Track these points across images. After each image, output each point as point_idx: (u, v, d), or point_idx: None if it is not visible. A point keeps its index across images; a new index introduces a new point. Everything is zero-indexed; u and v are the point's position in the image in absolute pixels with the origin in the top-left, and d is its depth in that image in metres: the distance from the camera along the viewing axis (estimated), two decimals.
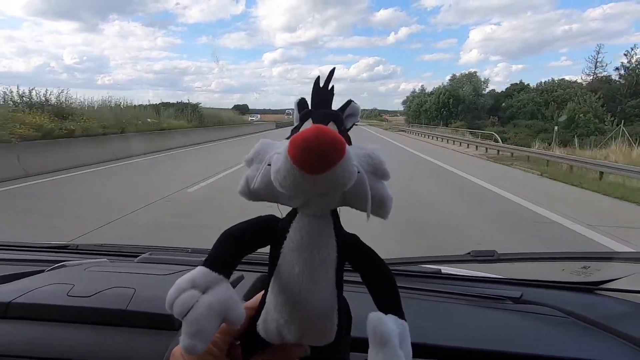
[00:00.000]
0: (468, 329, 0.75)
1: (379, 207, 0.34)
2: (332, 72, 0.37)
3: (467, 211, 5.71)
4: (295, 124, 0.39)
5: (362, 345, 0.55)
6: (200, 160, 12.09)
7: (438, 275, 1.00)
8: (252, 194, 0.36)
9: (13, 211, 5.21)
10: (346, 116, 0.38)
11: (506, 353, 0.65)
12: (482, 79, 54.06)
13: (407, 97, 68.33)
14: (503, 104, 47.49)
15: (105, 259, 1.03)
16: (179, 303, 0.31)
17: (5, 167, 7.42)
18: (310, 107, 0.38)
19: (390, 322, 0.35)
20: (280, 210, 0.39)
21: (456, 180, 8.64)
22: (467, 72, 55.73)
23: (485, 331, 0.75)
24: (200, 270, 0.33)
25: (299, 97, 0.38)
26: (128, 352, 0.58)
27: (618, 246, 3.85)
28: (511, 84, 51.21)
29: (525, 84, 49.38)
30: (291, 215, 0.37)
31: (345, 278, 0.39)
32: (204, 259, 0.35)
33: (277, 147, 0.34)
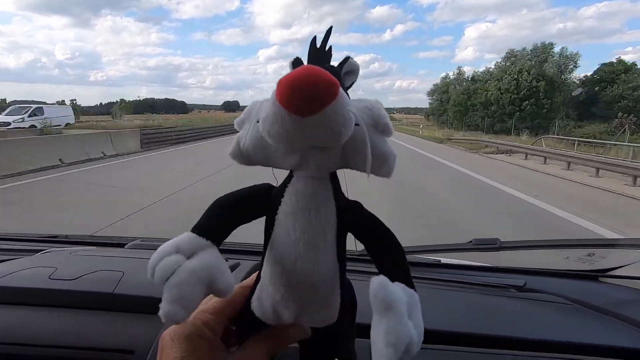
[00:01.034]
0: (472, 315, 0.73)
1: (381, 164, 0.31)
2: (329, 31, 0.34)
3: None
4: None
5: (364, 330, 0.53)
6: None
7: (438, 264, 0.98)
8: (244, 155, 0.33)
9: None
10: (344, 73, 0.34)
11: (512, 338, 0.62)
12: (567, 52, 32.60)
13: (434, 85, 46.30)
14: (604, 92, 29.66)
15: (94, 247, 0.99)
16: (160, 267, 0.29)
17: None
18: None
19: (395, 288, 0.30)
20: (276, 177, 0.36)
21: None
22: (540, 44, 33.20)
23: (490, 317, 0.72)
24: (185, 235, 0.31)
25: (294, 57, 0.34)
26: (114, 337, 0.54)
27: None
28: (601, 65, 32.22)
29: (630, 63, 30.90)
30: (287, 181, 0.34)
31: (348, 267, 0.35)
32: None
33: (263, 102, 0.32)
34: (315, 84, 0.26)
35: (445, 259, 1.02)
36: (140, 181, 7.42)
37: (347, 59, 0.34)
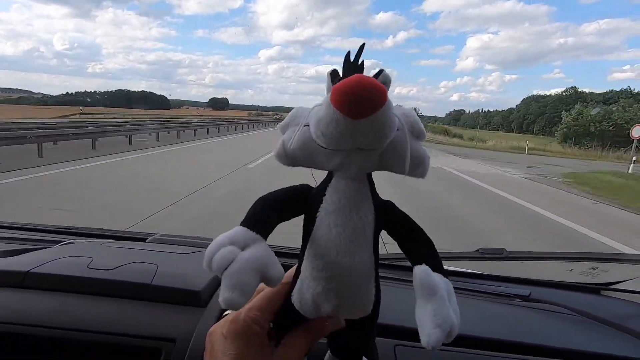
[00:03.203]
0: (477, 320, 0.75)
1: (417, 165, 0.34)
2: (362, 47, 0.37)
3: None
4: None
5: (387, 331, 0.56)
6: None
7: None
8: (289, 157, 0.35)
9: None
10: None
11: (515, 342, 0.65)
12: None
13: None
14: None
15: (111, 240, 1.02)
16: (218, 257, 0.30)
17: None
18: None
19: (437, 276, 0.34)
20: (315, 179, 0.39)
21: None
22: None
23: (495, 323, 0.75)
24: (238, 229, 0.33)
25: (332, 69, 0.37)
26: (155, 327, 0.58)
27: None
28: None
29: None
30: (327, 181, 0.37)
31: None
32: None
33: (313, 108, 0.34)
34: (369, 90, 0.29)
35: (451, 267, 1.05)
36: None
37: (381, 71, 0.37)
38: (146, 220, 4.21)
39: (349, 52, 0.35)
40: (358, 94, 0.28)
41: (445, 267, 0.37)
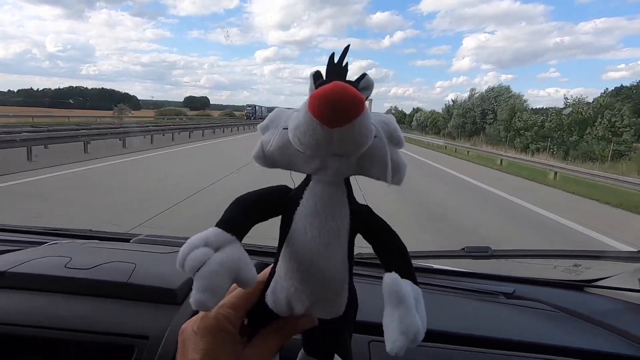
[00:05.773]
0: (460, 317, 0.76)
1: (395, 173, 0.34)
2: (346, 48, 0.37)
3: None
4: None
5: (362, 328, 0.56)
6: None
7: (430, 269, 1.01)
8: (267, 159, 0.35)
9: None
10: (361, 88, 0.38)
11: (497, 339, 0.66)
12: None
13: None
14: None
15: (96, 241, 1.01)
16: (191, 258, 0.30)
17: None
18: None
19: (405, 284, 0.35)
20: (293, 180, 0.39)
21: None
22: None
23: (478, 320, 0.76)
24: (212, 230, 0.33)
25: (315, 70, 0.37)
26: (129, 325, 0.57)
27: None
28: None
29: None
30: (304, 184, 0.37)
31: None
32: None
33: (292, 112, 0.35)
34: (345, 99, 0.29)
35: (437, 265, 1.06)
36: None
37: (363, 75, 0.38)
38: None
39: (333, 53, 0.35)
40: (334, 104, 0.28)
41: (431, 265, 0.37)
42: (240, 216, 0.35)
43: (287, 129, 0.34)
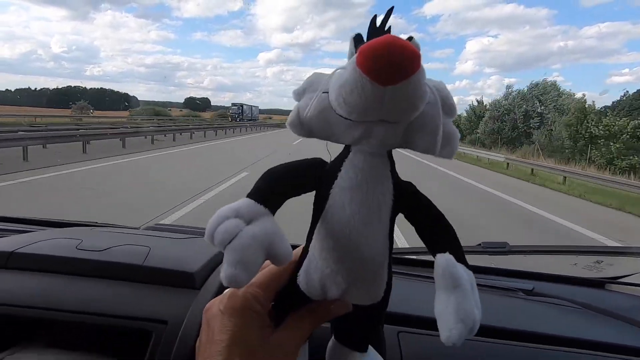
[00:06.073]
0: (482, 311, 0.73)
1: (446, 144, 0.31)
2: (389, 11, 0.33)
3: None
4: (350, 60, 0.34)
5: (389, 318, 0.54)
6: None
7: None
8: (304, 126, 0.32)
9: None
10: None
11: (521, 331, 0.63)
12: None
13: None
14: None
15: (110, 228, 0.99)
16: (221, 230, 0.28)
17: None
18: None
19: (460, 267, 0.32)
20: (329, 152, 0.35)
21: None
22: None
23: (499, 314, 0.73)
24: (244, 201, 0.30)
25: (356, 32, 0.33)
26: (146, 309, 0.55)
27: None
28: None
29: None
30: (343, 155, 0.33)
31: None
32: None
33: (334, 71, 0.31)
34: (401, 53, 0.25)
35: None
36: None
37: (410, 38, 0.34)
38: None
39: (375, 15, 0.32)
40: (389, 57, 0.25)
41: None
42: (273, 188, 0.32)
43: (327, 92, 0.30)
